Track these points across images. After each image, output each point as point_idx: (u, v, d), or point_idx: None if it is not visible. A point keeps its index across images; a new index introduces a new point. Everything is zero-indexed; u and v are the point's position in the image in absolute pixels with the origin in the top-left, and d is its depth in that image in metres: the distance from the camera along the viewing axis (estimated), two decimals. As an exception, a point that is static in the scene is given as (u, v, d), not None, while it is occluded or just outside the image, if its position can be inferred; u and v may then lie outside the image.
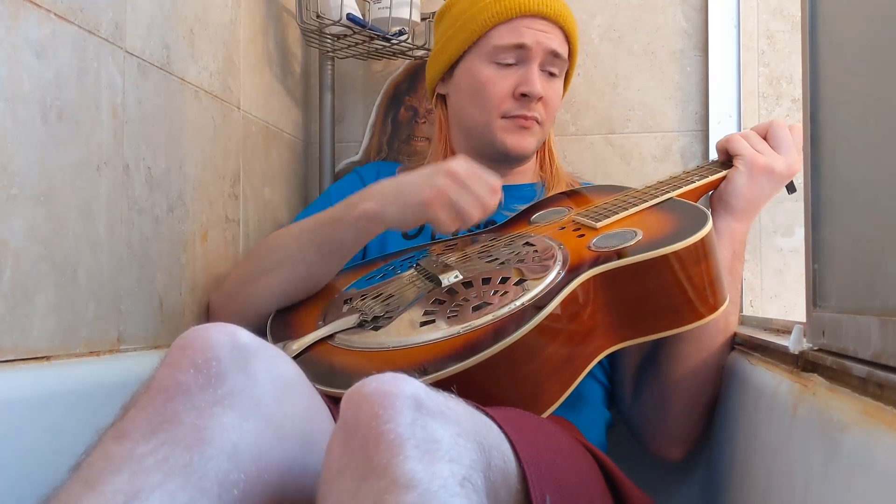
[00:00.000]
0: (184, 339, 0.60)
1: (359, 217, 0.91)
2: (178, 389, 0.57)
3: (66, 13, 0.77)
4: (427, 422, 0.52)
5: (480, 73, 1.10)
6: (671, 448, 1.02)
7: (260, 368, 0.61)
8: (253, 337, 0.62)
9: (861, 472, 0.45)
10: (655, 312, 0.83)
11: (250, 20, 1.21)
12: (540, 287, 0.80)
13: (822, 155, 0.64)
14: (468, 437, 0.54)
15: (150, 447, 0.54)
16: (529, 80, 1.08)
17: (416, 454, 0.50)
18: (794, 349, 0.67)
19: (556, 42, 1.11)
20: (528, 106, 1.09)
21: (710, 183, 1.00)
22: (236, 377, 0.59)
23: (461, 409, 0.57)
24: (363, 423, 0.52)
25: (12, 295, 0.70)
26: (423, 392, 0.54)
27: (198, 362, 0.58)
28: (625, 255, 0.82)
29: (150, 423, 0.56)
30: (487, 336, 0.75)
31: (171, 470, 0.53)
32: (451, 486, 0.49)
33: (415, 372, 0.73)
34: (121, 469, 0.53)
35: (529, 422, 0.71)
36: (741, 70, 1.33)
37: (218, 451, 0.56)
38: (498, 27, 1.10)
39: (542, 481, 0.60)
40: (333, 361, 0.81)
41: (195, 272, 1.02)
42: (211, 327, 0.61)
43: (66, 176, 0.77)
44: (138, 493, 0.51)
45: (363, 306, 0.89)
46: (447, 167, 0.87)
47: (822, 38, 0.64)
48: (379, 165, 1.28)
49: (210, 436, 0.56)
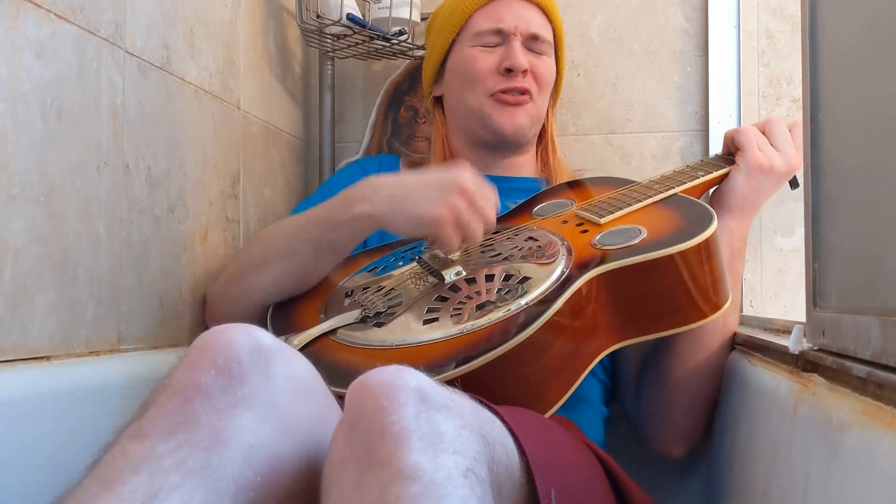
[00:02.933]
0: (204, 339, 0.60)
1: (354, 218, 0.88)
2: (198, 390, 0.57)
3: (66, 13, 0.77)
4: (432, 414, 0.52)
5: (465, 57, 1.12)
6: (673, 446, 1.02)
7: (279, 370, 0.60)
8: (272, 338, 0.62)
9: (861, 472, 0.45)
10: (658, 311, 0.83)
11: (250, 20, 1.21)
12: (543, 286, 0.79)
13: (823, 154, 0.64)
14: (472, 429, 0.54)
15: (169, 448, 0.54)
16: (512, 55, 1.09)
17: (421, 446, 0.50)
18: (794, 349, 0.67)
19: (535, 23, 1.12)
20: (515, 79, 1.09)
21: (714, 179, 1.00)
22: (256, 379, 0.59)
23: (465, 403, 0.57)
24: (367, 414, 0.52)
25: (12, 295, 0.70)
26: (428, 385, 0.54)
27: (219, 363, 0.58)
28: (629, 254, 0.81)
29: (169, 424, 0.55)
30: (490, 337, 0.74)
31: (189, 471, 0.53)
32: (455, 476, 0.49)
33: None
34: (139, 469, 0.53)
35: (534, 420, 0.71)
36: (741, 70, 1.33)
37: (236, 453, 0.56)
38: (475, 14, 1.13)
39: (548, 477, 0.60)
40: (335, 358, 0.80)
41: (195, 272, 1.02)
42: (232, 328, 0.61)
43: (66, 176, 0.77)
44: (157, 494, 0.51)
45: (365, 300, 0.89)
46: (459, 183, 0.84)
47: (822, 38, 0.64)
48: (381, 158, 1.28)
49: (228, 437, 0.56)
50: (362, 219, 0.88)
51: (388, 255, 1.02)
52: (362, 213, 0.87)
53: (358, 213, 0.88)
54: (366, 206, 0.87)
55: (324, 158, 1.43)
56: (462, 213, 0.83)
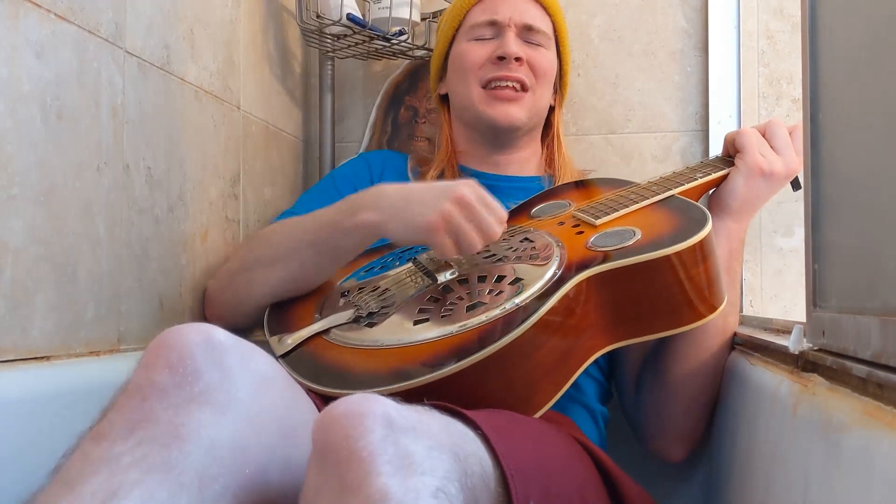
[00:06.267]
0: (158, 340, 0.61)
1: (357, 226, 0.88)
2: (154, 389, 0.58)
3: (66, 13, 0.77)
4: (398, 437, 0.52)
5: (461, 51, 1.14)
6: (672, 448, 1.02)
7: (234, 364, 0.61)
8: (227, 334, 0.63)
9: (861, 472, 0.45)
10: (652, 313, 0.82)
11: (250, 20, 1.21)
12: (535, 287, 0.79)
13: (822, 155, 0.64)
14: (442, 448, 0.54)
15: (128, 446, 0.55)
16: (504, 43, 1.10)
17: (389, 469, 0.50)
18: (794, 349, 0.67)
19: (531, 15, 1.13)
20: (508, 67, 1.10)
21: (713, 180, 1.00)
22: (211, 374, 0.60)
23: (434, 422, 0.57)
24: (335, 443, 0.52)
25: (12, 295, 0.70)
26: (394, 409, 0.55)
27: (172, 362, 0.59)
28: (623, 255, 0.81)
29: (128, 423, 0.57)
30: (480, 337, 0.74)
31: (149, 468, 0.54)
32: (425, 497, 0.50)
33: (406, 372, 0.73)
34: (98, 469, 0.54)
35: (517, 425, 0.70)
36: (741, 70, 1.33)
37: (196, 447, 0.56)
38: (473, 9, 1.15)
39: (528, 486, 0.60)
40: (327, 358, 0.81)
41: (195, 272, 1.02)
42: (185, 327, 0.62)
43: (66, 176, 0.77)
44: (116, 492, 0.52)
45: (359, 300, 0.89)
46: (456, 192, 0.84)
47: (822, 38, 0.64)
48: (386, 153, 1.27)
49: (187, 432, 0.57)
50: (366, 226, 0.88)
51: (387, 255, 1.02)
52: (366, 220, 0.87)
53: (361, 221, 0.88)
54: (370, 214, 0.87)
55: (324, 158, 1.43)
56: (455, 220, 0.83)
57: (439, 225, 0.83)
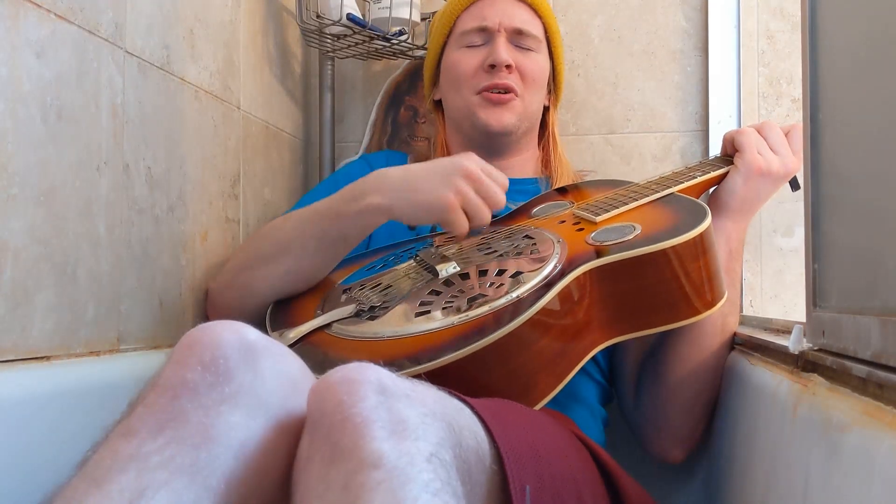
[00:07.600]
0: (191, 336, 0.60)
1: (364, 211, 0.88)
2: (186, 387, 0.57)
3: (66, 13, 0.77)
4: (392, 403, 0.52)
5: (453, 59, 1.15)
6: (672, 449, 1.02)
7: (267, 366, 0.60)
8: (260, 335, 0.62)
9: (861, 472, 0.45)
10: (652, 307, 0.83)
11: (250, 20, 1.21)
12: (536, 280, 0.80)
13: (822, 155, 0.64)
14: (436, 416, 0.54)
15: (157, 445, 0.54)
16: (494, 51, 1.11)
17: (383, 434, 0.50)
18: (794, 349, 0.67)
19: (521, 19, 1.13)
20: (499, 75, 1.10)
21: (712, 179, 1.00)
22: (244, 375, 0.59)
23: (429, 393, 0.57)
24: (328, 410, 0.52)
25: (12, 295, 0.70)
26: (388, 377, 0.55)
27: (205, 360, 0.58)
28: (622, 249, 0.81)
29: (157, 421, 0.55)
30: (481, 327, 0.75)
31: (177, 468, 0.53)
32: (419, 461, 0.49)
33: (408, 361, 0.73)
34: (127, 467, 0.53)
35: (515, 412, 0.70)
36: (741, 70, 1.33)
37: (225, 450, 0.56)
38: (462, 15, 1.16)
39: (523, 471, 0.60)
40: (328, 351, 0.81)
41: (195, 272, 1.02)
42: (219, 325, 0.60)
43: (66, 176, 0.77)
44: (144, 492, 0.51)
45: (361, 296, 0.89)
46: (463, 167, 0.86)
47: (822, 38, 0.64)
48: (387, 154, 1.28)
49: (217, 434, 0.56)
50: (371, 210, 0.88)
51: (389, 254, 1.03)
52: (371, 204, 0.88)
53: (367, 205, 0.88)
54: (375, 197, 0.88)
55: (324, 158, 1.43)
56: (469, 196, 0.85)
57: (455, 203, 0.85)
